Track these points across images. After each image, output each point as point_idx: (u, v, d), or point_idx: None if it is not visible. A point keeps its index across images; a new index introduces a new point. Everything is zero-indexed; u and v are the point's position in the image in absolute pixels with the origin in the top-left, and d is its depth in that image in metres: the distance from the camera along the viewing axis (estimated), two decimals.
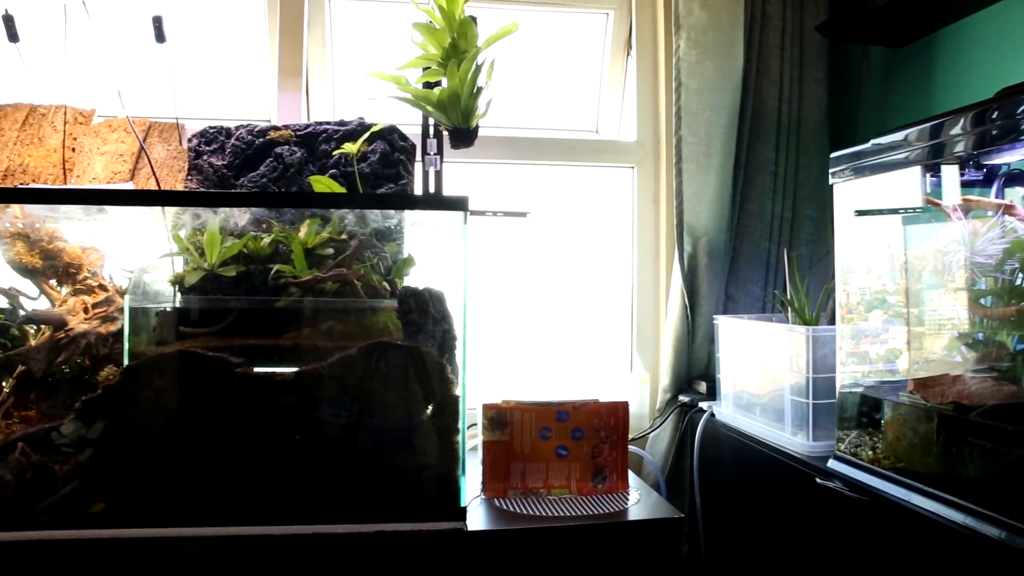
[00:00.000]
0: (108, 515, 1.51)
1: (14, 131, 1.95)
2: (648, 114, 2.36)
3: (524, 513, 1.64)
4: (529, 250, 2.38)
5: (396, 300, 1.54)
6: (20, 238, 1.65)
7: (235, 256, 1.58)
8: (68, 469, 1.55)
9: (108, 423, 1.52)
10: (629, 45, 2.42)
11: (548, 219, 2.39)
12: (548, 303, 2.40)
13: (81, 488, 1.55)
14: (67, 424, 1.56)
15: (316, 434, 1.50)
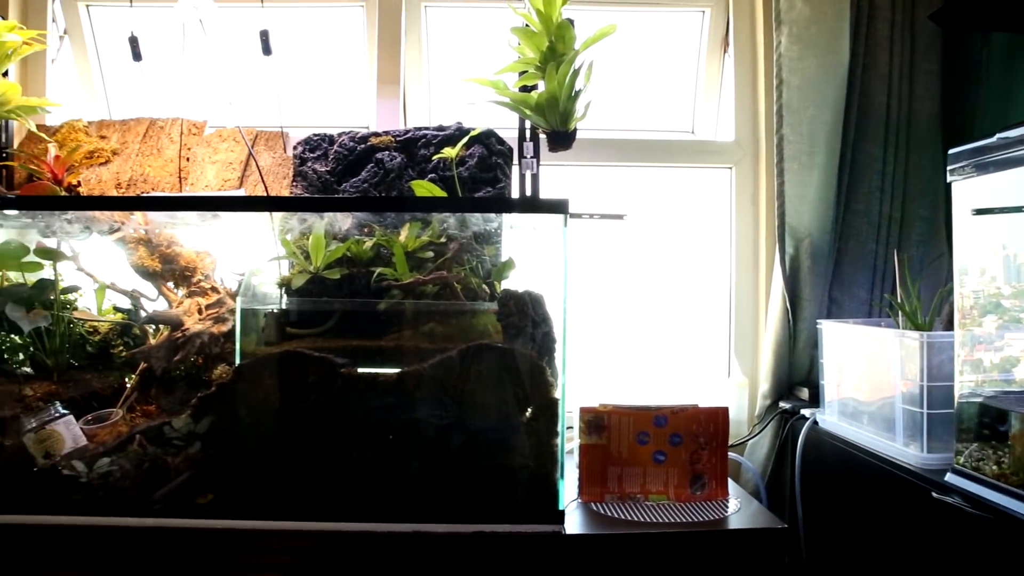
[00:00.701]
0: (215, 506, 1.57)
1: (136, 143, 2.07)
2: (746, 113, 2.30)
3: (621, 518, 1.62)
4: (625, 252, 2.35)
5: (496, 303, 1.55)
6: (142, 243, 1.74)
7: (339, 259, 1.62)
8: (180, 461, 1.63)
9: (215, 419, 1.59)
10: (726, 43, 2.36)
11: (644, 221, 2.36)
12: (645, 306, 2.37)
13: (191, 480, 1.62)
14: (178, 419, 1.64)
15: (417, 434, 1.53)
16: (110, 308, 1.91)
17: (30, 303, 1.75)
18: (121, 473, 1.63)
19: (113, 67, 2.42)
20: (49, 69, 2.32)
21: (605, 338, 2.33)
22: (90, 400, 1.77)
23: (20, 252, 1.78)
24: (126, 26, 2.07)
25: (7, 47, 1.91)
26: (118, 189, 2.03)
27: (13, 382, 1.75)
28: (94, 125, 2.16)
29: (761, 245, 2.28)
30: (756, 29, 2.28)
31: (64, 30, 2.37)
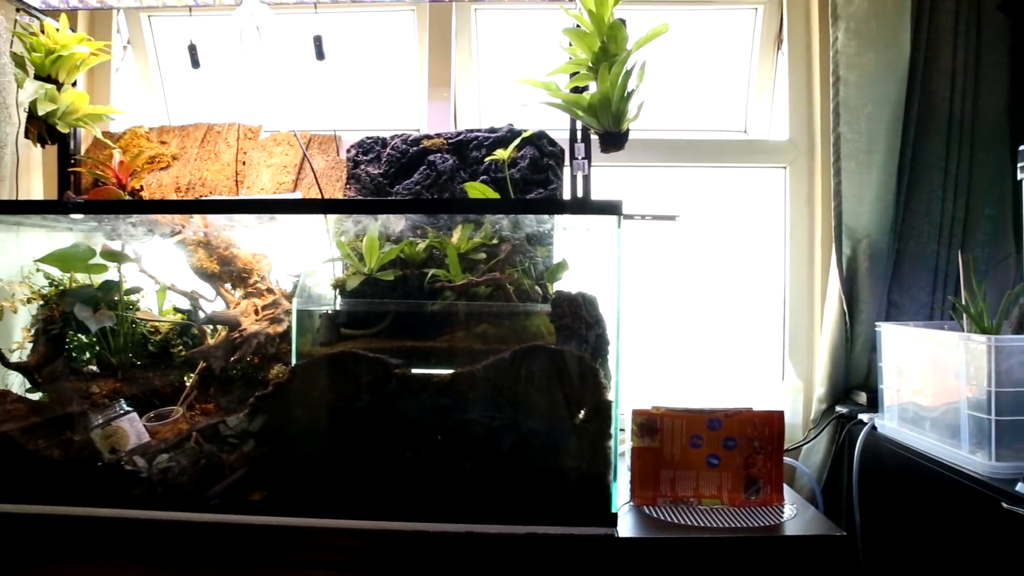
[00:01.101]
0: (268, 503, 1.60)
1: (195, 148, 2.13)
2: (801, 112, 2.26)
3: (674, 522, 1.60)
4: (678, 254, 2.33)
5: (549, 304, 1.55)
6: (202, 246, 1.79)
7: (392, 261, 1.64)
8: (234, 458, 1.67)
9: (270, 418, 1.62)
10: (780, 40, 2.32)
11: (697, 222, 2.33)
12: (697, 308, 2.35)
13: (245, 477, 1.66)
14: (232, 417, 1.68)
15: (470, 435, 1.53)
16: (170, 309, 1.96)
17: (96, 304, 1.81)
18: (179, 469, 1.67)
19: (173, 74, 2.49)
20: (113, 78, 2.39)
21: (657, 340, 2.31)
22: (152, 398, 1.82)
23: (87, 255, 1.84)
24: (185, 35, 2.13)
25: (76, 58, 1.99)
26: (178, 193, 2.09)
27: (81, 380, 1.81)
28: (155, 131, 2.23)
29: (816, 246, 2.24)
30: (811, 25, 2.24)
31: (128, 40, 2.45)
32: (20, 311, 1.93)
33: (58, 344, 1.86)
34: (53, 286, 1.93)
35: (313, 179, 2.02)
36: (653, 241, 2.29)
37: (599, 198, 1.61)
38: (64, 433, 1.72)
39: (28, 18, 2.03)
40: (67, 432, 1.72)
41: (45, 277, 1.95)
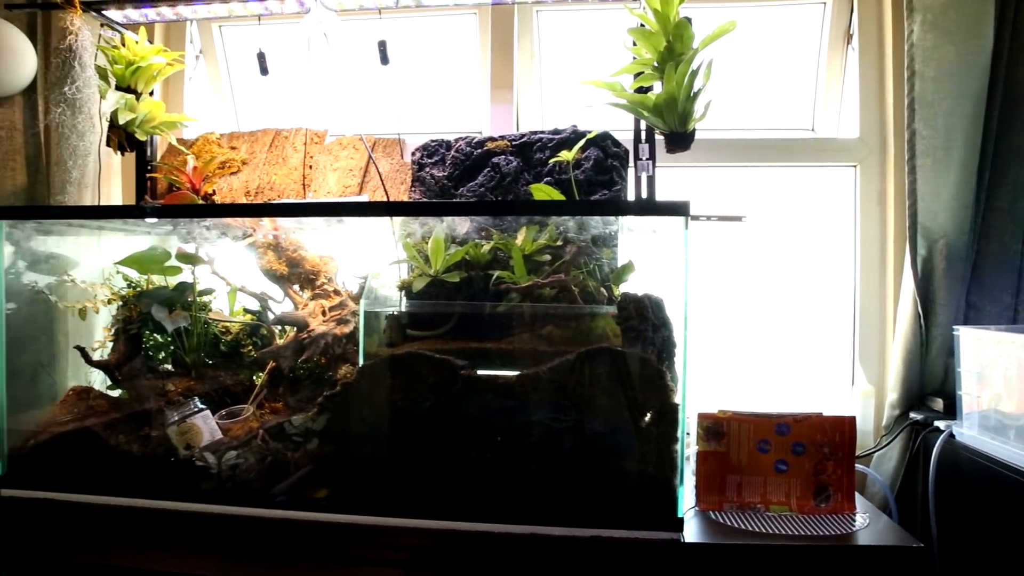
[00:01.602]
0: (333, 501, 1.63)
1: (263, 153, 2.18)
2: (872, 108, 2.19)
3: (741, 528, 1.57)
4: (744, 255, 2.29)
5: (615, 306, 1.54)
6: (271, 248, 1.83)
7: (457, 263, 1.65)
8: (298, 456, 1.70)
9: (336, 416, 1.64)
10: (849, 35, 2.26)
11: (763, 223, 2.28)
12: (764, 310, 2.30)
13: (310, 474, 1.69)
14: (297, 416, 1.72)
15: (535, 436, 1.53)
16: (241, 310, 2.01)
17: (172, 305, 1.87)
18: (246, 466, 1.71)
19: (242, 82, 2.56)
20: (186, 86, 2.47)
21: (723, 343, 2.27)
22: (223, 396, 1.87)
23: (163, 257, 1.91)
24: (254, 43, 2.18)
25: (153, 69, 2.06)
26: (247, 196, 2.14)
27: (157, 378, 1.88)
28: (225, 137, 2.29)
29: (889, 246, 2.17)
30: (883, 19, 2.17)
31: (200, 50, 2.52)
32: (101, 311, 2.01)
33: (136, 343, 1.92)
34: (131, 287, 2.01)
35: (378, 182, 2.04)
36: (719, 242, 2.25)
37: (664, 199, 1.59)
38: (142, 429, 1.79)
39: (111, 32, 2.11)
40: (145, 428, 1.78)
41: (124, 279, 2.03)
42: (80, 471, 1.77)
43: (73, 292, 2.02)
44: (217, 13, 2.07)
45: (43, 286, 1.99)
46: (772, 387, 2.26)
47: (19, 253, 1.93)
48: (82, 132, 1.97)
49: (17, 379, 1.89)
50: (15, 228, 1.88)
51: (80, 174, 2.01)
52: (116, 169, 2.29)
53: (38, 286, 1.98)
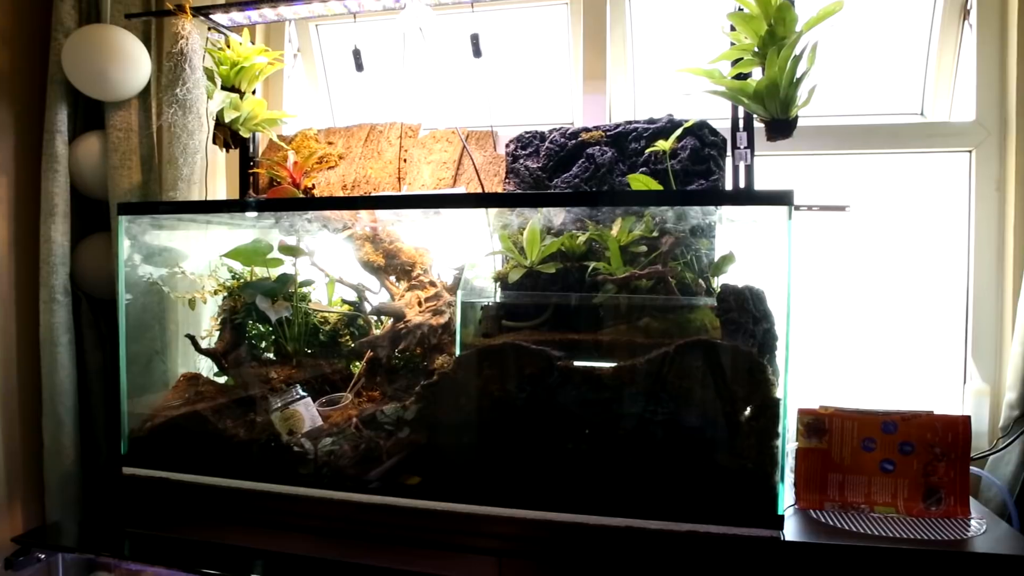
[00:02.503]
0: (426, 489, 1.65)
1: (359, 147, 2.23)
2: (991, 89, 2.06)
3: (844, 529, 1.52)
4: (847, 246, 2.20)
5: (715, 298, 1.51)
6: (369, 240, 1.87)
7: (553, 254, 1.65)
8: (391, 445, 1.74)
9: (430, 406, 1.67)
10: (966, 11, 2.13)
11: (868, 212, 2.19)
12: (868, 303, 2.20)
13: (402, 462, 1.72)
14: (389, 406, 1.75)
15: (632, 429, 1.52)
16: (339, 300, 2.07)
17: (274, 295, 1.94)
18: (341, 452, 1.76)
19: (337, 78, 2.63)
20: (285, 84, 2.56)
21: (826, 337, 2.19)
22: (323, 384, 1.93)
23: (266, 250, 1.98)
24: (350, 40, 2.23)
25: (255, 68, 2.13)
26: (344, 190, 2.20)
27: (261, 366, 1.95)
28: (322, 133, 2.36)
29: (1008, 236, 2.04)
30: None
31: (297, 49, 2.61)
32: (208, 302, 2.11)
33: (240, 332, 2.01)
34: (236, 279, 2.09)
35: (471, 175, 2.06)
36: (821, 233, 2.17)
37: (763, 188, 1.54)
38: (247, 414, 1.87)
39: (217, 35, 2.20)
40: (250, 413, 1.86)
41: (228, 271, 2.12)
42: (191, 453, 1.87)
43: (183, 283, 2.12)
44: (315, 12, 2.13)
45: (156, 278, 2.10)
46: (877, 384, 2.17)
47: (135, 247, 2.04)
48: (192, 131, 2.07)
49: (135, 365, 2.01)
50: (132, 223, 1.99)
51: (190, 171, 2.10)
52: (221, 166, 2.39)
53: (152, 278, 2.09)
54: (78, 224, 2.23)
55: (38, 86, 2.16)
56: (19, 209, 2.19)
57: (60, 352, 2.16)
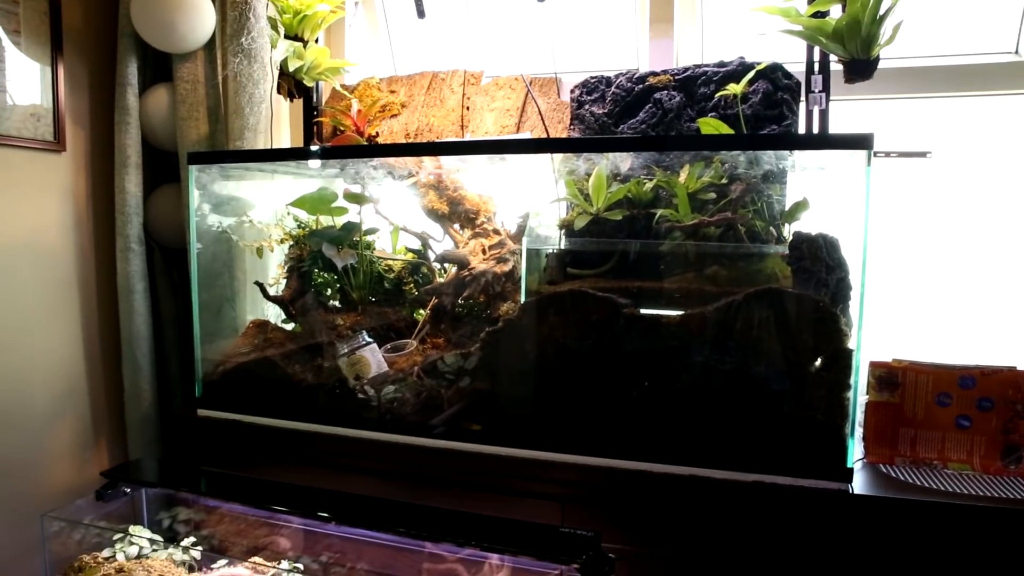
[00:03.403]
0: (490, 435, 1.67)
1: (421, 96, 2.22)
2: None
3: (916, 484, 1.48)
4: (927, 194, 2.10)
5: (787, 245, 1.47)
6: (433, 188, 1.87)
7: (619, 201, 1.62)
8: (452, 394, 1.76)
9: (491, 354, 1.68)
10: None
11: (951, 158, 2.07)
12: (949, 254, 2.10)
13: (464, 410, 1.74)
14: (450, 355, 1.77)
15: (698, 377, 1.50)
16: (403, 249, 2.08)
17: (339, 243, 1.97)
18: (403, 400, 1.79)
19: (399, 26, 2.61)
20: (347, 33, 2.55)
21: (901, 288, 2.11)
22: (387, 331, 1.95)
23: (331, 198, 2.00)
24: None
25: (318, 17, 2.13)
26: (407, 139, 2.20)
27: (327, 313, 1.99)
28: (384, 81, 2.35)
29: None
30: None
31: None
32: (275, 250, 2.15)
33: (307, 280, 2.04)
34: (301, 228, 2.13)
35: (534, 122, 2.04)
36: (899, 180, 2.08)
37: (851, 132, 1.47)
38: (315, 360, 1.91)
39: None
40: (317, 359, 1.90)
41: (294, 220, 2.15)
42: (261, 396, 1.93)
43: (251, 232, 2.17)
44: None
45: (225, 227, 2.15)
46: (956, 338, 2.08)
47: (205, 197, 2.09)
48: (257, 80, 2.08)
49: (206, 312, 2.07)
50: (202, 173, 2.03)
51: (256, 121, 2.13)
52: (285, 116, 2.41)
53: (221, 227, 2.14)
54: (150, 175, 2.28)
55: (109, 40, 2.20)
56: (95, 161, 2.26)
57: (136, 299, 2.23)
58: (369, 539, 1.67)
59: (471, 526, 1.43)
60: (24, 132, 2.04)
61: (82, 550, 1.66)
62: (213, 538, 1.79)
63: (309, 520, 1.70)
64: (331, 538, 1.70)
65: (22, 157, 2.05)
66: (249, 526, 1.80)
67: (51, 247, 2.16)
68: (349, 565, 1.70)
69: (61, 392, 2.21)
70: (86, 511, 1.68)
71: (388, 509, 1.55)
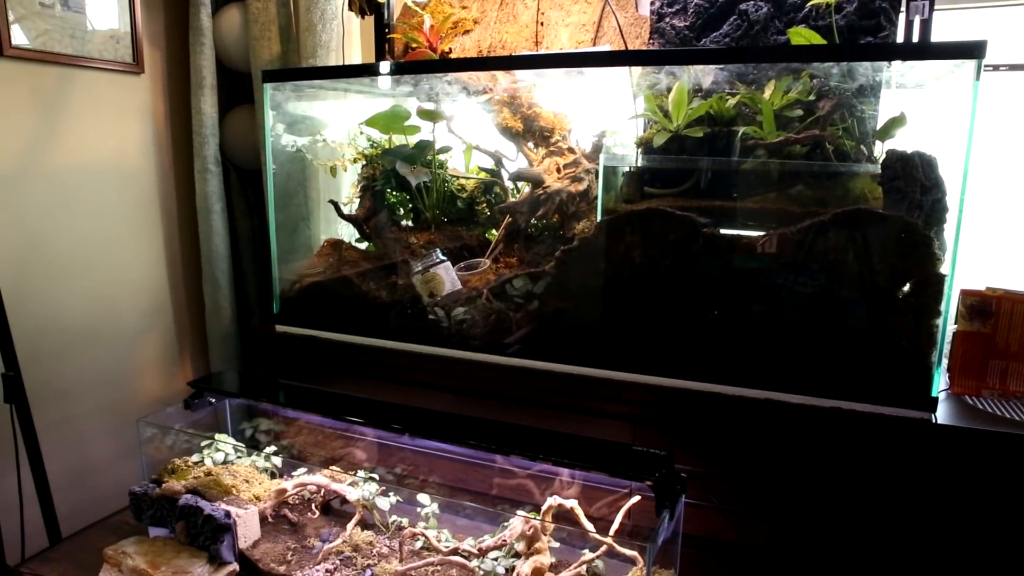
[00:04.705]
0: (562, 351, 1.67)
1: (494, 11, 2.16)
2: None
3: (1005, 417, 1.43)
4: None
5: (879, 164, 1.39)
6: (506, 105, 1.84)
7: (700, 118, 1.56)
8: (520, 317, 1.76)
9: (552, 280, 1.66)
10: None
11: None
12: None
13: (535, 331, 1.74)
14: (517, 279, 1.76)
15: (778, 300, 1.46)
16: (475, 168, 2.07)
17: (413, 161, 1.96)
18: (472, 321, 1.81)
19: None
20: None
21: (1002, 213, 1.98)
22: (460, 251, 1.96)
23: (404, 116, 1.98)
24: None
25: None
26: (480, 55, 2.15)
27: (400, 231, 2.00)
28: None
29: None
30: None
31: None
32: (348, 169, 2.16)
33: (380, 199, 2.05)
34: (374, 147, 2.13)
35: (611, 37, 1.96)
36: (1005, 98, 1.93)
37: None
38: (388, 277, 1.93)
39: None
40: (391, 277, 1.92)
41: (367, 140, 2.15)
42: (336, 313, 1.97)
43: (324, 151, 2.18)
44: None
45: (299, 146, 2.17)
46: None
47: (279, 116, 2.10)
48: None
49: (282, 231, 2.11)
50: (277, 91, 2.04)
51: (328, 38, 2.11)
52: (356, 34, 2.39)
53: (295, 146, 2.16)
54: (224, 97, 2.31)
55: None
56: (172, 83, 2.29)
57: (214, 219, 2.29)
58: (441, 453, 1.71)
59: (543, 442, 1.45)
60: (105, 55, 2.08)
61: (173, 454, 1.75)
62: (292, 448, 1.87)
63: (383, 433, 1.75)
64: (404, 451, 1.75)
65: (104, 79, 2.10)
66: (326, 438, 1.86)
67: (134, 168, 2.22)
68: (422, 478, 1.75)
69: (148, 309, 2.30)
70: (175, 419, 1.77)
71: (460, 423, 1.58)
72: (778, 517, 1.52)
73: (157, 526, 1.54)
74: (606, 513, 1.40)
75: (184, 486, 1.55)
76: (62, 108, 1.99)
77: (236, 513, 1.48)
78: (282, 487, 1.65)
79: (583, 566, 1.34)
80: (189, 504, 1.47)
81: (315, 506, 1.67)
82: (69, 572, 1.49)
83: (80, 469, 2.13)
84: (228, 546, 1.45)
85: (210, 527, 1.44)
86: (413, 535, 1.46)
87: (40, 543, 1.66)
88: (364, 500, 1.56)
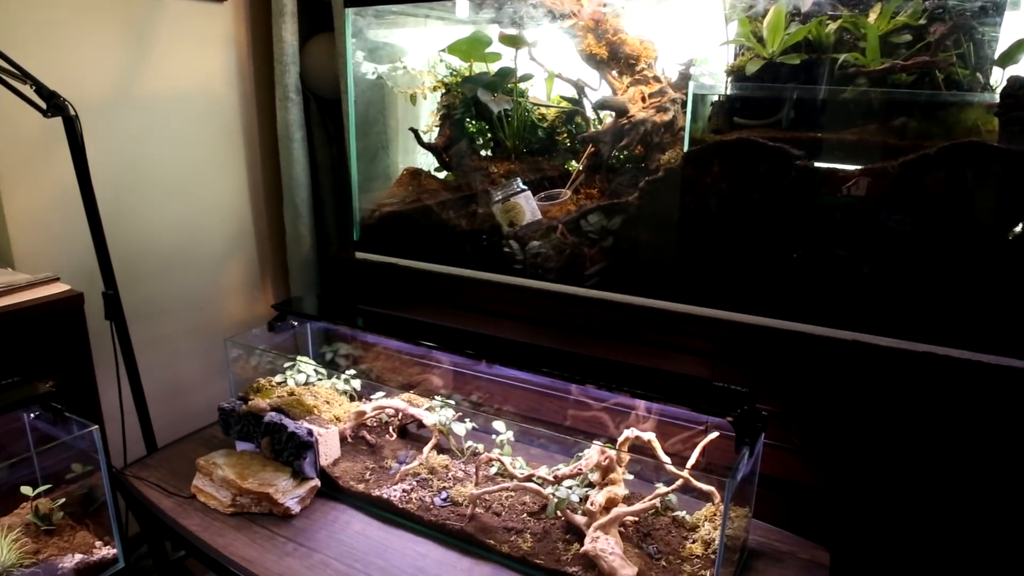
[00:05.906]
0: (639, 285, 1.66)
1: None
2: None
3: None
4: None
5: (997, 94, 1.29)
6: (591, 31, 1.78)
7: (797, 44, 1.48)
8: (594, 252, 1.74)
9: (640, 206, 1.62)
10: None
11: None
12: None
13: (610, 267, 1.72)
14: (593, 215, 1.73)
15: (876, 239, 1.40)
16: (557, 97, 2.02)
17: (494, 89, 1.93)
18: (546, 255, 1.79)
19: None
20: None
21: None
22: (540, 181, 1.93)
23: (486, 43, 1.95)
24: None
25: None
26: None
27: (480, 160, 1.99)
28: None
29: None
30: None
31: None
32: (428, 98, 2.14)
33: (460, 128, 2.04)
34: (454, 75, 2.10)
35: None
36: None
37: None
38: (468, 206, 1.93)
39: None
40: (472, 205, 1.92)
41: (447, 67, 2.12)
42: (415, 241, 1.99)
43: (403, 79, 2.16)
44: None
45: (379, 74, 2.16)
46: None
47: (359, 43, 2.09)
48: None
49: (362, 160, 2.12)
50: (358, 17, 2.02)
51: None
52: None
53: (376, 73, 2.15)
54: (305, 24, 2.30)
55: None
56: (253, 11, 2.30)
57: (295, 147, 2.32)
58: (516, 383, 1.73)
59: (620, 374, 1.44)
60: None
61: (258, 374, 1.82)
62: (371, 372, 1.92)
63: (459, 360, 1.77)
64: (480, 379, 1.77)
65: (189, 8, 2.11)
66: (403, 364, 1.90)
67: (218, 96, 2.25)
68: (497, 406, 1.78)
69: (232, 234, 2.37)
70: (260, 340, 1.84)
71: (536, 352, 1.59)
72: (856, 462, 1.49)
73: (244, 440, 1.61)
74: (680, 450, 1.40)
75: (269, 404, 1.61)
76: (152, 37, 2.03)
77: (318, 432, 1.54)
78: (361, 409, 1.70)
79: (657, 499, 1.35)
80: (274, 421, 1.53)
81: (392, 429, 1.71)
82: (166, 478, 1.59)
83: (173, 385, 2.25)
84: (310, 462, 1.51)
85: (294, 444, 1.50)
86: (489, 460, 1.49)
87: (139, 451, 1.77)
88: (440, 425, 1.60)
